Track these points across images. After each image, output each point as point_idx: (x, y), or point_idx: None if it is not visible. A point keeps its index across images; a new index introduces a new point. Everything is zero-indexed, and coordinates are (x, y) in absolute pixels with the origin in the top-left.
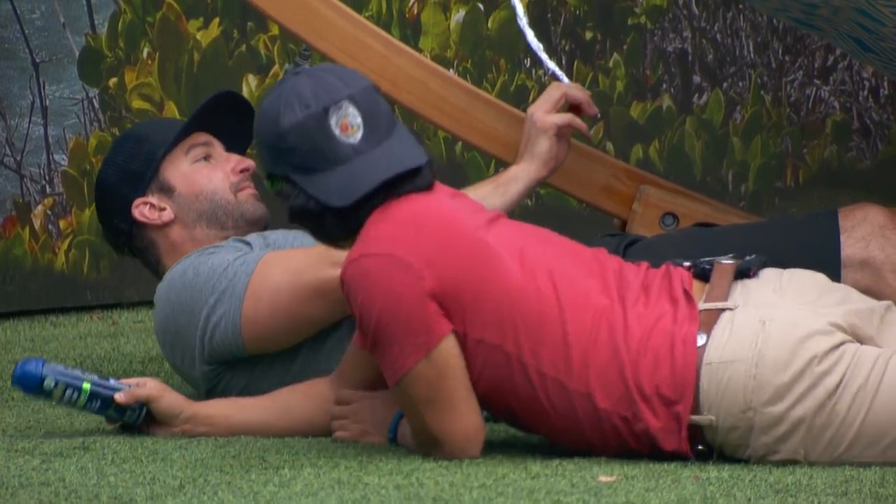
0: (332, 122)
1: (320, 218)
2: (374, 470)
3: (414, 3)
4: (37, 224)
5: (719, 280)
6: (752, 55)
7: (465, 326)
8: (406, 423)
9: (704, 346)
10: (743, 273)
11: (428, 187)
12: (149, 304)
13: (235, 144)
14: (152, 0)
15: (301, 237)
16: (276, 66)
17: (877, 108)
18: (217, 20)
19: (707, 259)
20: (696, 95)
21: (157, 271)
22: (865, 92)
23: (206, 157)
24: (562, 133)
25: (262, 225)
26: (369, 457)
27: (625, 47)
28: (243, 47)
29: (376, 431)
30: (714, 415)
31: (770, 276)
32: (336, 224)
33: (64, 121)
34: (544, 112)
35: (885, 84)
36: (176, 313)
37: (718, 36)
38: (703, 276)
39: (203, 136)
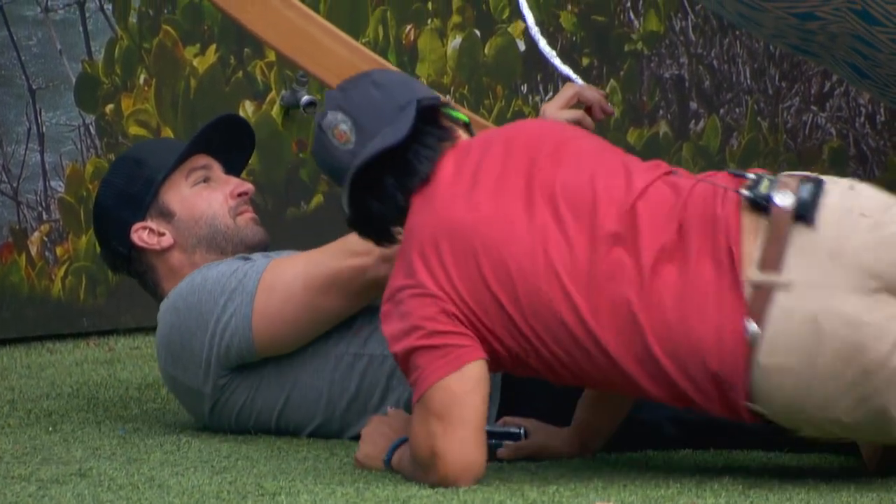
0: (330, 135)
1: (362, 223)
2: (370, 497)
3: (411, 30)
4: (33, 251)
5: (776, 232)
6: (748, 81)
7: (492, 340)
8: (404, 449)
9: (756, 341)
10: (801, 216)
11: (429, 168)
12: (145, 330)
13: (234, 166)
14: (149, 26)
15: None
16: (273, 93)
17: (873, 134)
18: (214, 46)
19: (768, 178)
20: (693, 122)
21: (156, 294)
22: (862, 118)
23: (206, 180)
24: None
25: (262, 249)
26: (366, 483)
27: (621, 73)
28: (240, 73)
29: (378, 453)
30: (767, 409)
31: (829, 221)
32: (370, 223)
33: (60, 147)
34: (556, 108)
35: (882, 110)
36: (183, 320)
37: (715, 62)
38: (757, 207)
39: (202, 159)
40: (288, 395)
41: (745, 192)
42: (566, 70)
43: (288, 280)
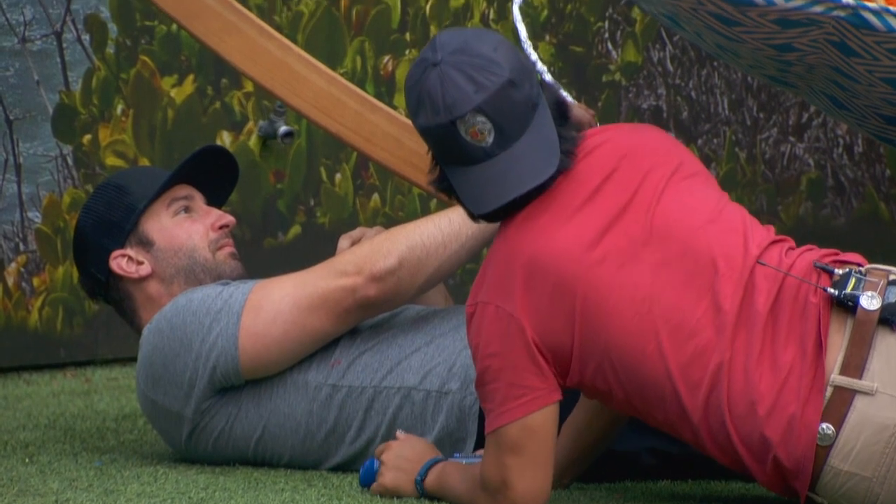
0: (462, 131)
1: (463, 202)
2: None
3: (389, 60)
4: (10, 281)
5: (860, 335)
6: (726, 112)
7: (570, 374)
8: (441, 469)
9: (830, 445)
10: (885, 320)
11: (552, 182)
12: (122, 361)
13: (217, 197)
14: (126, 57)
15: None
16: (251, 123)
17: (851, 165)
18: (191, 77)
19: (855, 276)
20: None
21: (133, 323)
22: (840, 149)
23: (187, 210)
24: None
25: None
26: None
27: (599, 104)
28: (217, 104)
29: (408, 476)
30: (831, 502)
31: None
32: (472, 216)
33: (38, 178)
34: None
35: (860, 141)
36: (166, 342)
37: (693, 93)
38: (844, 306)
39: (184, 190)
40: (265, 425)
41: (832, 291)
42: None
43: (275, 300)
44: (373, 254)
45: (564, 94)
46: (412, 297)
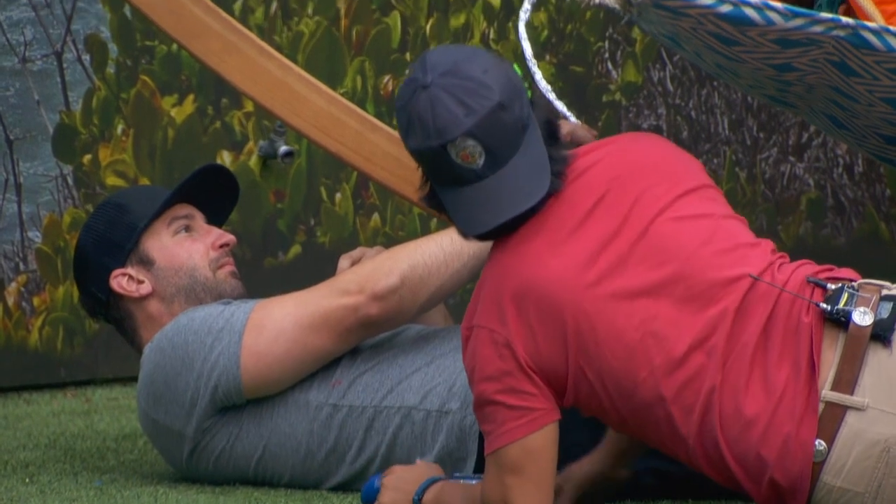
0: (452, 154)
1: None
2: None
3: (389, 80)
4: (10, 301)
5: (852, 351)
6: (726, 132)
7: (566, 395)
8: (437, 489)
9: (823, 462)
10: (878, 336)
11: (543, 204)
12: (123, 380)
13: (217, 216)
14: (126, 77)
15: None
16: (251, 143)
17: (851, 185)
18: (192, 97)
19: (848, 291)
20: None
21: (133, 342)
22: (840, 169)
23: (187, 229)
24: None
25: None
26: None
27: (600, 124)
28: (218, 124)
29: (405, 496)
30: None
31: None
32: (463, 235)
33: (38, 198)
34: None
35: (860, 161)
36: (168, 360)
37: (693, 113)
38: (836, 322)
39: (185, 209)
40: (266, 444)
41: (824, 306)
42: (561, 106)
43: (277, 318)
44: (375, 272)
45: (568, 113)
46: (414, 316)
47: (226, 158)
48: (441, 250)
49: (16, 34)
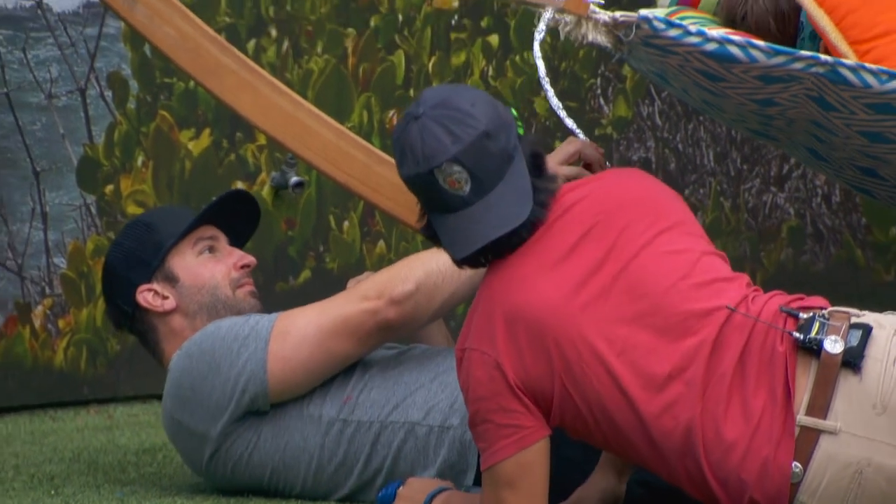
0: (440, 180)
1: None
2: None
3: (394, 115)
4: (37, 323)
5: (824, 377)
6: (712, 164)
7: (552, 416)
8: (444, 497)
9: (799, 483)
10: (848, 363)
11: (530, 233)
12: (143, 398)
13: (240, 238)
14: (146, 112)
15: None
16: (263, 174)
17: (829, 213)
18: (208, 130)
19: (819, 320)
20: None
21: (155, 353)
22: (818, 199)
23: (211, 250)
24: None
25: None
26: None
27: None
28: (232, 156)
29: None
30: None
31: (874, 373)
32: (454, 261)
33: (63, 226)
34: (556, 162)
35: (837, 191)
36: (196, 365)
37: (680, 146)
38: (809, 350)
39: (210, 230)
40: (282, 456)
41: (797, 335)
42: (571, 124)
43: (301, 325)
44: (392, 279)
45: (578, 131)
46: (429, 320)
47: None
48: None
49: (42, 72)
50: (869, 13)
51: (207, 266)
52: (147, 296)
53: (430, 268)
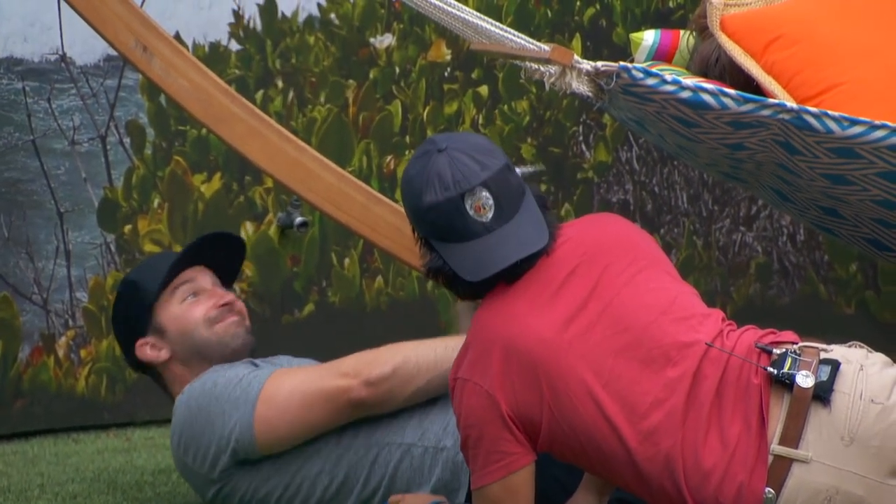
0: (468, 204)
1: (453, 279)
2: None
3: (391, 160)
4: (60, 353)
5: (796, 409)
6: (685, 205)
7: (540, 443)
8: None
9: None
10: (818, 396)
11: (532, 264)
12: (158, 422)
13: (226, 276)
14: (162, 157)
15: (305, 361)
16: (270, 215)
17: (794, 251)
18: (219, 174)
19: (791, 356)
20: None
21: (167, 392)
22: (784, 237)
23: (195, 293)
24: None
25: (248, 352)
26: None
27: (575, 198)
28: (242, 198)
29: None
30: None
31: (842, 407)
32: (466, 289)
33: (85, 263)
34: None
35: (802, 231)
36: (194, 418)
37: (656, 188)
38: (782, 383)
39: (188, 274)
40: (287, 484)
41: (771, 370)
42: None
43: (285, 391)
44: (372, 361)
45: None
46: (403, 404)
47: (248, 228)
48: (434, 353)
49: (66, 120)
50: (813, 72)
51: (190, 311)
52: (145, 350)
53: (408, 356)
